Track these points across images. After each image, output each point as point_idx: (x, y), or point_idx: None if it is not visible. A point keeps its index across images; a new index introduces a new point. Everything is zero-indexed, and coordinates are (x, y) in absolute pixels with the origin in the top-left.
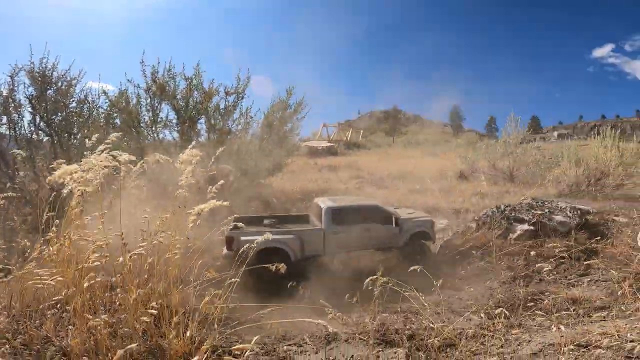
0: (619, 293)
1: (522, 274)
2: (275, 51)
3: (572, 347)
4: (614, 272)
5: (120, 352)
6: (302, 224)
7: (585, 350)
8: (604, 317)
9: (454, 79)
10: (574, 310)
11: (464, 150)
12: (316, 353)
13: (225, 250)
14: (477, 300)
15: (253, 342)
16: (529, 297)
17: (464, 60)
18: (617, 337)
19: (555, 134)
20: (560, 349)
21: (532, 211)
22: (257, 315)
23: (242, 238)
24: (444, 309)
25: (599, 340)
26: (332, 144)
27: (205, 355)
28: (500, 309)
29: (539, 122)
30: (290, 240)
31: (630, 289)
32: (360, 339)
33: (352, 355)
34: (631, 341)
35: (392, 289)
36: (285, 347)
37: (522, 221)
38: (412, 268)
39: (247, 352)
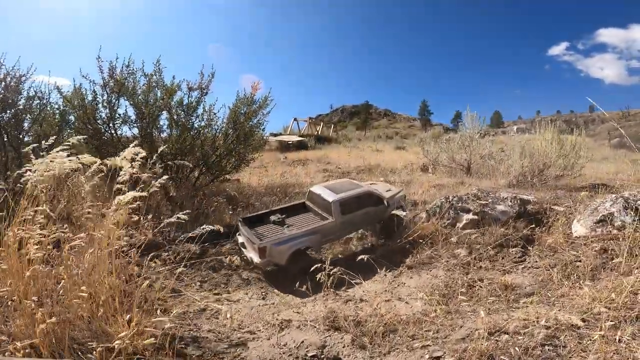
0: (547, 280)
1: (463, 262)
2: (254, 47)
3: (494, 332)
4: (545, 259)
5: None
6: (302, 213)
7: (504, 335)
8: (530, 302)
9: (423, 75)
10: (505, 296)
11: (427, 144)
12: (268, 339)
13: (258, 259)
14: (421, 288)
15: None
16: (468, 284)
17: (435, 56)
18: (535, 323)
19: (515, 128)
20: (483, 334)
21: (478, 201)
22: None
23: (274, 247)
24: (392, 297)
25: (518, 326)
26: (303, 138)
27: (155, 341)
28: (439, 296)
29: (501, 117)
30: (315, 238)
31: (558, 275)
32: (312, 325)
33: (302, 340)
34: (546, 327)
35: (346, 278)
36: (239, 335)
37: (467, 211)
38: (360, 257)
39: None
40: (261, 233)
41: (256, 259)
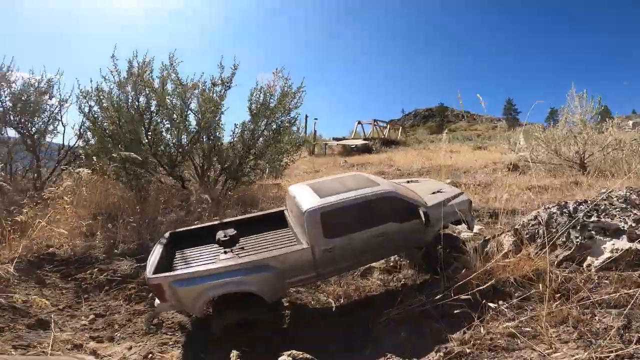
0: None
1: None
2: (321, 51)
3: None
4: None
5: None
6: (276, 229)
7: None
8: None
9: (505, 72)
10: None
11: (516, 136)
12: None
13: (157, 302)
14: None
15: None
16: None
17: (520, 48)
18: None
19: (631, 123)
20: None
21: (636, 212)
22: None
23: (177, 286)
24: None
25: None
26: (367, 142)
27: None
28: None
29: (609, 111)
30: (265, 279)
31: None
32: None
33: None
34: None
35: None
36: None
37: (614, 232)
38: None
39: None
40: (185, 258)
41: (157, 300)
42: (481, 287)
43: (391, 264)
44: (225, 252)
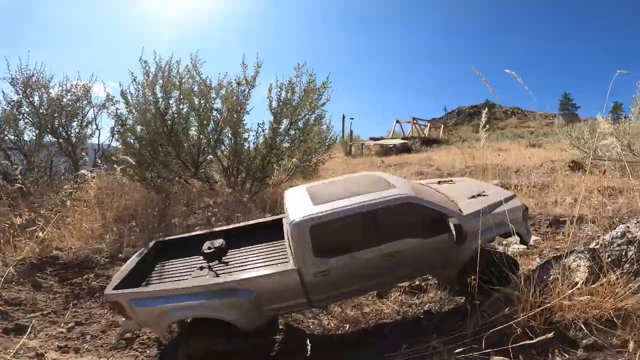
0: None
1: None
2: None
3: None
4: None
5: None
6: (273, 238)
7: None
8: None
9: (560, 64)
10: None
11: (579, 131)
12: None
13: (123, 319)
14: None
15: None
16: None
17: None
18: None
19: None
20: None
21: None
22: None
23: (136, 305)
24: None
25: None
26: (406, 141)
27: None
28: None
29: None
30: (230, 304)
31: None
32: None
33: None
34: None
35: None
36: None
37: None
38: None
39: None
40: (162, 272)
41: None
42: (532, 340)
43: (416, 282)
44: (201, 269)
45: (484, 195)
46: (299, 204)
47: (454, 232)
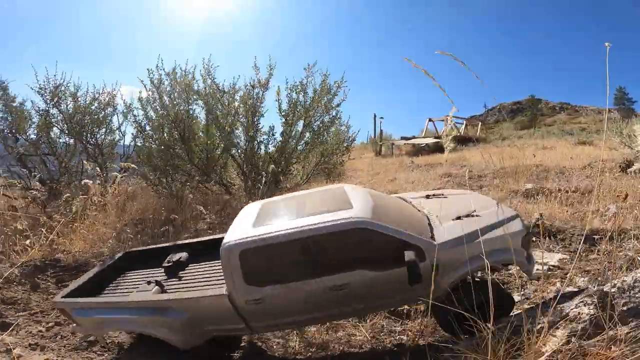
0: None
1: None
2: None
3: None
4: None
5: None
6: None
7: None
8: None
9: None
10: None
11: (630, 132)
12: None
13: (73, 325)
14: None
15: None
16: None
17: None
18: None
19: None
20: None
21: None
22: None
23: (76, 314)
24: None
25: None
26: (439, 140)
27: None
28: None
29: None
30: (161, 322)
31: None
32: None
33: None
34: None
35: None
36: None
37: None
38: None
39: None
40: (120, 283)
41: None
42: None
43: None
44: (149, 283)
45: (474, 216)
46: (241, 223)
47: (407, 268)
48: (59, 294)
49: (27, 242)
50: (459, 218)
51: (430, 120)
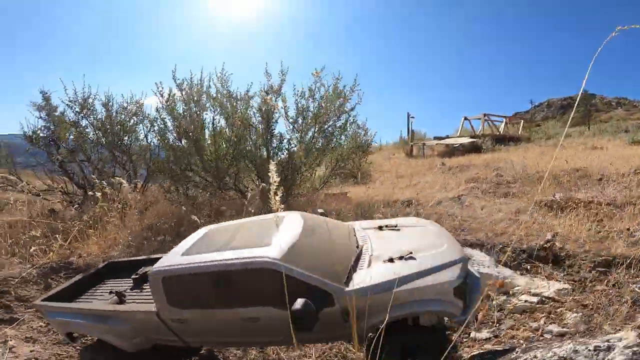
0: None
1: None
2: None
3: None
4: None
5: None
6: None
7: None
8: None
9: None
10: None
11: None
12: None
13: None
14: None
15: None
16: None
17: None
18: None
19: None
20: None
21: None
22: None
23: (48, 317)
24: None
25: None
26: (474, 140)
27: None
28: None
29: None
30: (107, 329)
31: None
32: None
33: None
34: None
35: None
36: None
37: None
38: None
39: None
40: (95, 291)
41: None
42: None
43: None
44: (110, 293)
45: (408, 259)
46: (175, 250)
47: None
48: (39, 298)
49: (48, 245)
50: (391, 260)
51: (465, 118)
